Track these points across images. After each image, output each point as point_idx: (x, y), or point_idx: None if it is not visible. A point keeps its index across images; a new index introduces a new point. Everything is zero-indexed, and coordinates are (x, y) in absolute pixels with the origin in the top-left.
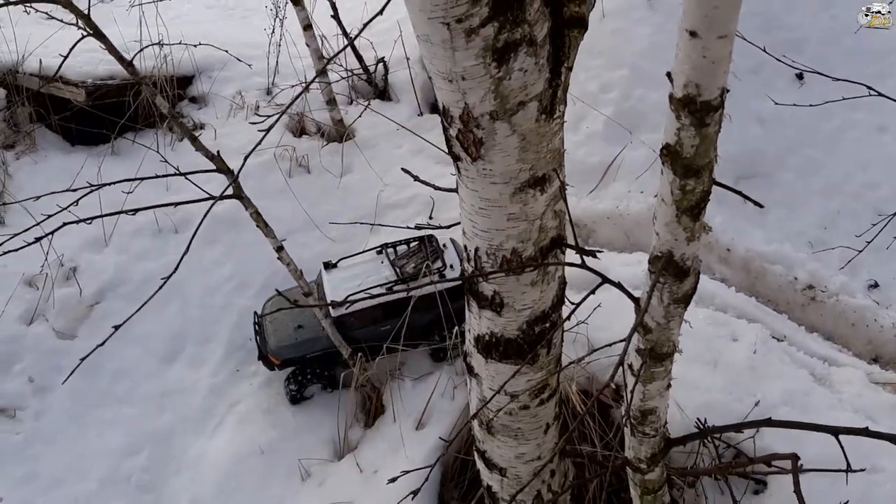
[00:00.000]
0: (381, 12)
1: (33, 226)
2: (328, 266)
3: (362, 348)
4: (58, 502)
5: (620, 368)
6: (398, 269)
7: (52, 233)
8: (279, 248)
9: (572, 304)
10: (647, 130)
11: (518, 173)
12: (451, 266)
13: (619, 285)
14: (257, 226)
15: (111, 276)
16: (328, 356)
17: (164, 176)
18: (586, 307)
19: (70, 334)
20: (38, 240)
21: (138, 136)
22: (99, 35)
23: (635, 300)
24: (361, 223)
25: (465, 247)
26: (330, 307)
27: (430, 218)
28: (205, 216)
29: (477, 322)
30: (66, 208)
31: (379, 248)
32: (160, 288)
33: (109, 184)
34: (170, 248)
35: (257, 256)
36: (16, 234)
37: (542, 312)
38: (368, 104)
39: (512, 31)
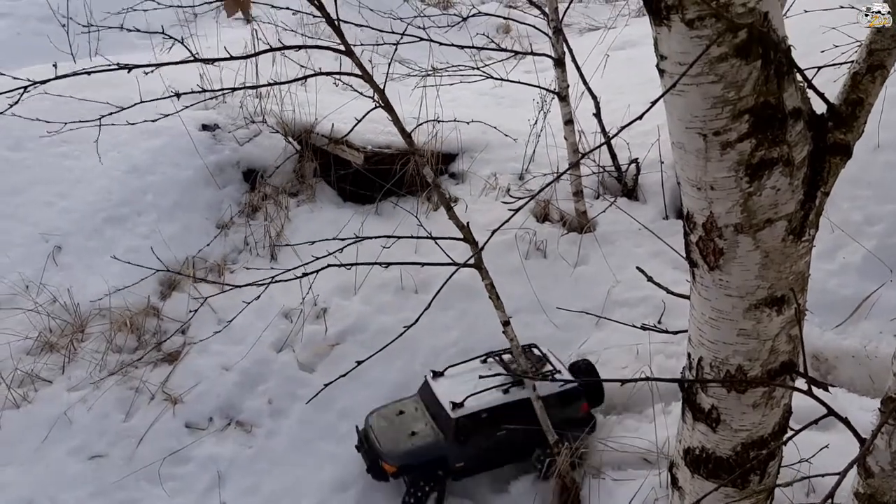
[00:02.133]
0: (640, 117)
1: (300, 266)
2: (435, 375)
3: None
4: None
5: None
6: (511, 373)
7: (316, 272)
8: (506, 323)
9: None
10: None
11: (755, 290)
12: (560, 371)
13: (845, 420)
14: (489, 297)
15: (353, 322)
16: (443, 461)
17: (417, 238)
18: (812, 445)
19: (310, 367)
20: (305, 275)
21: (400, 201)
22: (389, 108)
23: (860, 438)
24: (588, 314)
25: (689, 355)
26: (449, 410)
27: (659, 322)
28: (448, 279)
29: (689, 434)
30: (332, 253)
31: (484, 357)
32: (399, 336)
33: (371, 237)
34: (408, 305)
35: (483, 328)
36: (287, 270)
37: (761, 438)
38: (615, 201)
39: (769, 149)
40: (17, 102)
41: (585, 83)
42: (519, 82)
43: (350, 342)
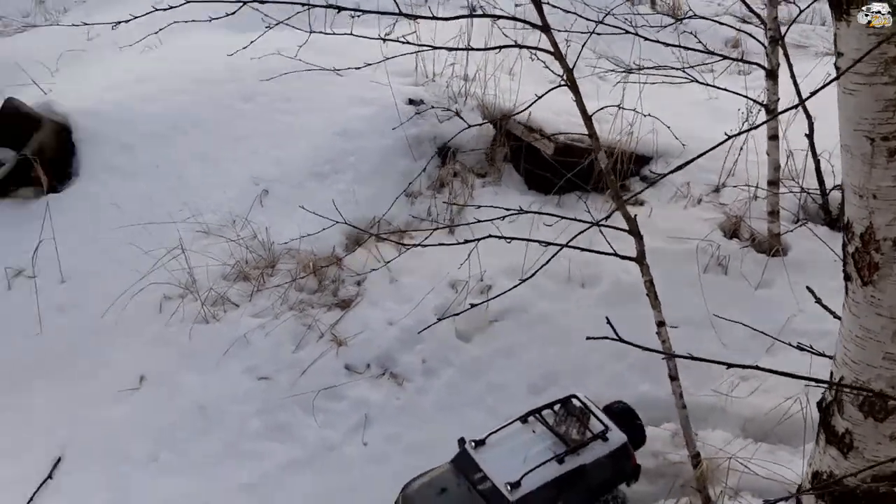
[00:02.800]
0: None
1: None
2: (477, 444)
3: None
4: (410, 467)
5: None
6: (560, 436)
7: (477, 240)
8: (660, 324)
9: None
10: None
11: None
12: (609, 428)
13: None
14: (647, 294)
15: (515, 303)
16: None
17: (577, 220)
18: None
19: (466, 337)
20: (467, 241)
21: (584, 196)
22: (574, 87)
23: None
24: (764, 333)
25: (831, 373)
26: (506, 492)
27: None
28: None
29: (819, 457)
30: (493, 221)
31: (524, 417)
32: None
33: (539, 212)
34: (572, 296)
35: (644, 331)
36: (465, 242)
37: (894, 473)
38: (805, 223)
39: None
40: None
41: (801, 100)
42: (725, 89)
43: (509, 320)
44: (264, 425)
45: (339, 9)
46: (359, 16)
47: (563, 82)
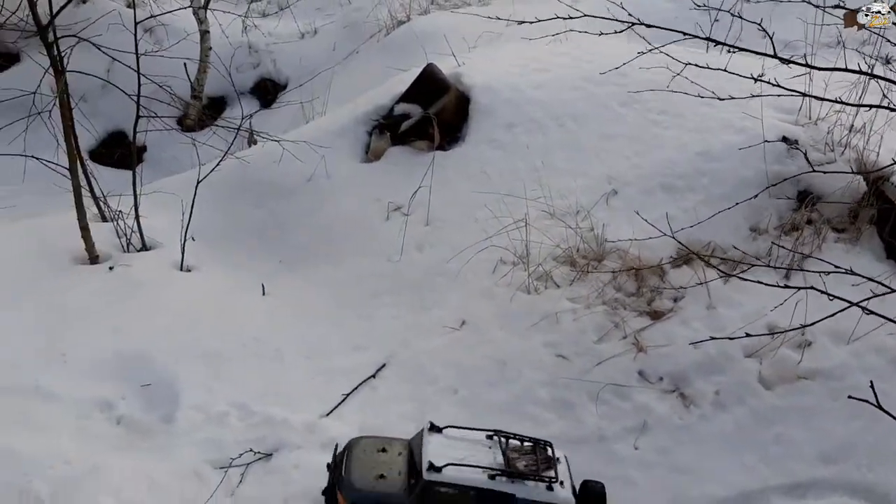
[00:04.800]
0: None
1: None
2: (433, 428)
3: None
4: (673, 483)
5: None
6: (508, 460)
7: (798, 288)
8: None
9: None
10: None
11: None
12: (562, 482)
13: None
14: None
15: (830, 368)
16: None
17: None
18: None
19: (768, 385)
20: (787, 287)
21: None
22: None
23: None
24: None
25: None
26: (424, 469)
27: None
28: None
29: None
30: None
31: (492, 433)
32: None
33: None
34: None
35: None
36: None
37: None
38: None
39: None
40: None
41: None
42: None
43: (818, 382)
44: (550, 397)
45: (717, 43)
46: (734, 52)
47: None
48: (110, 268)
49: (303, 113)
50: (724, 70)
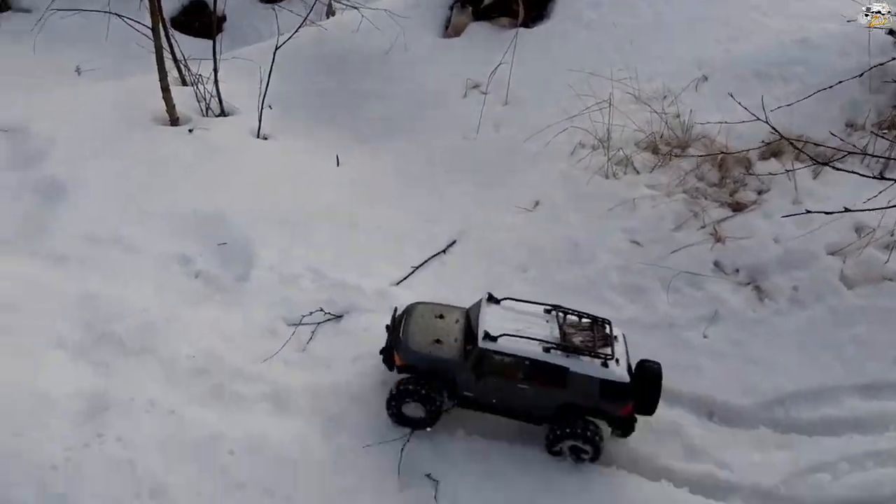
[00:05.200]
0: None
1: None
2: (491, 299)
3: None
4: (745, 372)
5: None
6: (564, 335)
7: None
8: None
9: None
10: None
11: None
12: (618, 360)
13: None
14: None
15: None
16: (452, 382)
17: None
18: None
19: (850, 284)
20: (883, 178)
21: None
22: None
23: None
24: None
25: None
26: (480, 338)
27: None
28: None
29: None
30: None
31: (550, 308)
32: None
33: None
34: None
35: None
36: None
37: None
38: None
39: None
40: None
41: None
42: None
43: None
44: (621, 281)
45: None
46: None
47: None
48: (190, 130)
49: None
50: None
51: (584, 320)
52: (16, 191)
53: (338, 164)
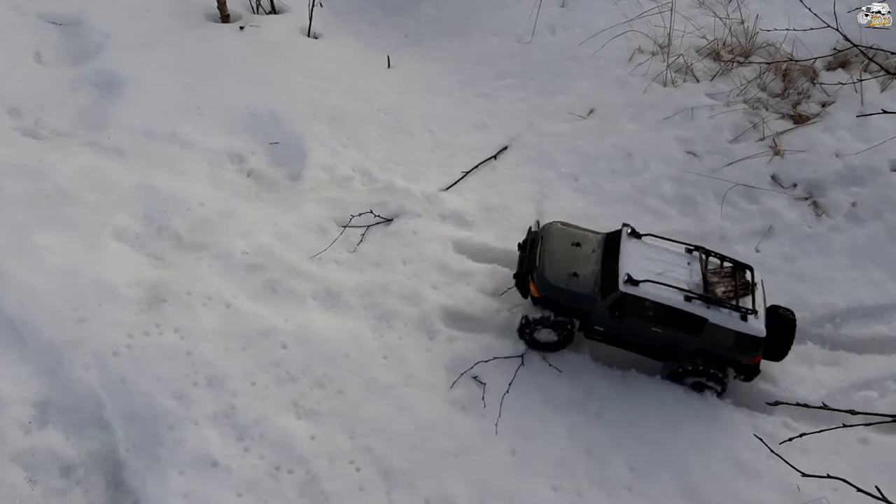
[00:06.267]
0: None
1: None
2: (633, 233)
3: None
4: (786, 290)
5: None
6: (706, 283)
7: None
8: None
9: None
10: None
11: None
12: (757, 313)
13: None
14: None
15: None
16: (587, 317)
17: None
18: None
19: None
20: None
21: None
22: None
23: None
24: None
25: None
26: (622, 281)
27: None
28: None
29: None
30: None
31: (693, 248)
32: None
33: None
34: None
35: None
36: None
37: None
38: None
39: None
40: None
41: None
42: None
43: None
44: (674, 192)
45: None
46: None
47: None
48: (241, 27)
49: None
50: None
51: (725, 265)
52: (73, 83)
53: (388, 66)
